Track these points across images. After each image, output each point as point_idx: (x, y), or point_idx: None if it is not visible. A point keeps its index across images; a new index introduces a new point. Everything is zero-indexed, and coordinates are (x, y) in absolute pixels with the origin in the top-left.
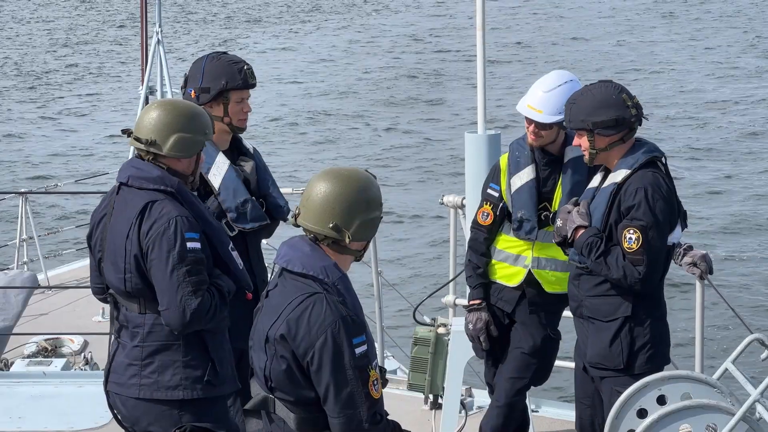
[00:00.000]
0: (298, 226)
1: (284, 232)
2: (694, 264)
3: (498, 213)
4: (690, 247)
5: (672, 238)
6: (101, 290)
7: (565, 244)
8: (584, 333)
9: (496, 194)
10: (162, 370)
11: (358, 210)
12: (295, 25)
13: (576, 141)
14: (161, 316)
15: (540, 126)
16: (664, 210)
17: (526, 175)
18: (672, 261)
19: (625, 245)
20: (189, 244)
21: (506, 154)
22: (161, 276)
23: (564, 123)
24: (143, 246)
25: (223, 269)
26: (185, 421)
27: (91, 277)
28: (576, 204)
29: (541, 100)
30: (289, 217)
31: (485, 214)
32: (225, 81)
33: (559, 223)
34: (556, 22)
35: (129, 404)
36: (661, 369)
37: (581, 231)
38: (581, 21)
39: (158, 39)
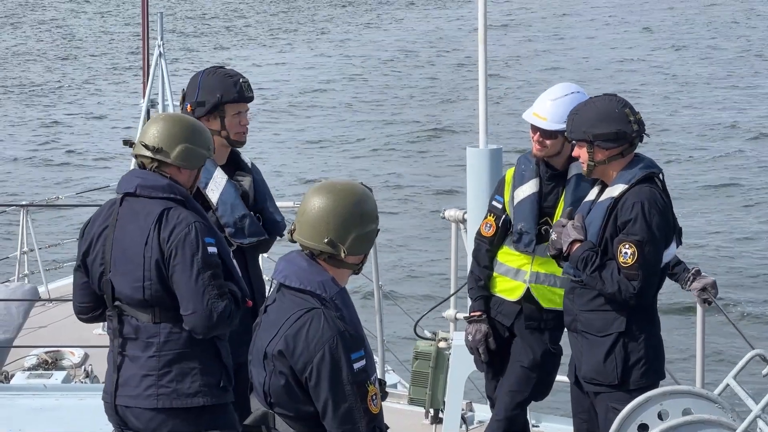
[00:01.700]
0: (295, 242)
1: (282, 249)
2: (704, 289)
3: (501, 225)
4: (698, 272)
5: (667, 255)
6: (87, 309)
7: (560, 257)
8: (578, 348)
9: (500, 206)
10: (180, 378)
11: (353, 224)
12: (294, 36)
13: (576, 152)
14: (185, 320)
15: (544, 134)
16: (661, 225)
17: (529, 188)
18: (679, 283)
19: (621, 260)
20: (209, 249)
21: (513, 168)
22: (185, 280)
23: (566, 133)
24: (165, 252)
25: (226, 277)
26: (203, 428)
27: (77, 297)
28: (571, 217)
29: (547, 108)
30: (285, 232)
31: (488, 225)
32: (220, 94)
33: (554, 236)
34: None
35: (144, 416)
36: (656, 384)
37: (576, 245)
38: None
39: (160, 52)
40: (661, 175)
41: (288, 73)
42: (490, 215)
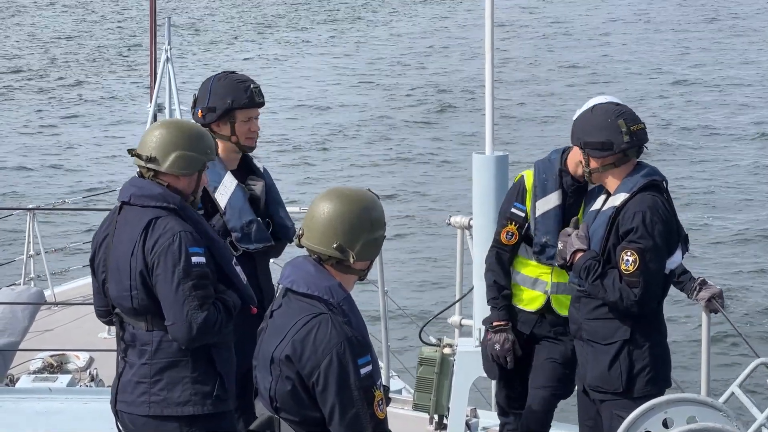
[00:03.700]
0: (302, 247)
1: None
2: (711, 299)
3: (522, 233)
4: (704, 282)
5: (672, 262)
6: (105, 312)
7: (565, 266)
8: (584, 356)
9: (522, 214)
10: (171, 386)
11: (362, 230)
12: (298, 41)
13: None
14: (168, 331)
15: None
16: (663, 233)
17: (553, 200)
18: (685, 293)
19: (622, 267)
20: (194, 259)
21: (531, 173)
22: (167, 291)
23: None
24: (148, 262)
25: (227, 285)
26: None
27: (95, 300)
28: (576, 227)
29: None
30: (294, 237)
31: (510, 234)
32: (231, 100)
33: (560, 245)
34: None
35: (138, 422)
36: (661, 392)
37: (579, 254)
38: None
39: (167, 57)
40: (665, 183)
41: (290, 77)
42: (511, 223)
